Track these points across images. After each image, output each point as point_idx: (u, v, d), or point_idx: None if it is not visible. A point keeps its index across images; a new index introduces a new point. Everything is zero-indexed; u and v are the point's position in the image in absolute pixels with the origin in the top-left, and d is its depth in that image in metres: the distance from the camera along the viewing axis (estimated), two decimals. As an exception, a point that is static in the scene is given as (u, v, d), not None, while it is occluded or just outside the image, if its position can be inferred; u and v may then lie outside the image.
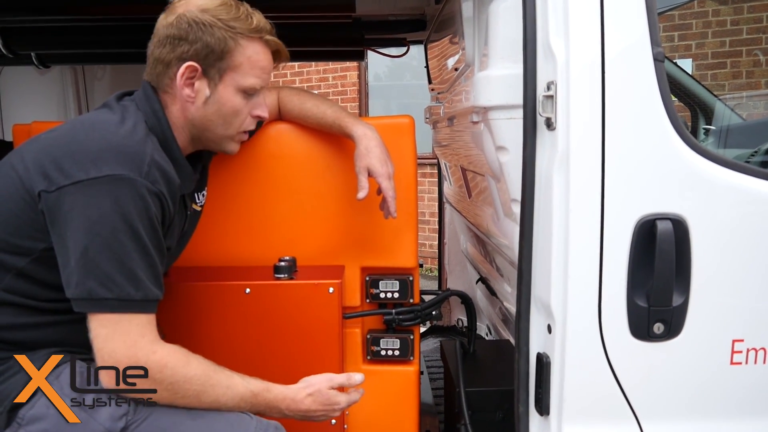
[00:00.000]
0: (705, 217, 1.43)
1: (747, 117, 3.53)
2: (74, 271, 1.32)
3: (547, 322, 1.50)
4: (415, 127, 1.99)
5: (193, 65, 1.49)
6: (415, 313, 2.03)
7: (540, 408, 1.53)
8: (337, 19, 2.98)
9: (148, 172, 1.37)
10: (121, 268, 1.33)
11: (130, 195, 1.33)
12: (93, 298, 1.32)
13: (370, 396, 2.02)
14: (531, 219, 1.49)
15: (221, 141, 1.60)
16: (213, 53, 1.48)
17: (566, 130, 1.40)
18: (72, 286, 1.33)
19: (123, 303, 1.33)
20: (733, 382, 1.49)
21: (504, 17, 1.60)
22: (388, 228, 1.96)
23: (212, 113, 1.54)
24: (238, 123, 1.58)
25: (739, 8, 5.20)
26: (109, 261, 1.32)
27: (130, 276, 1.33)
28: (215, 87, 1.52)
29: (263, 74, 1.56)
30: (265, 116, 1.63)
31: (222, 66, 1.50)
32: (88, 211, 1.32)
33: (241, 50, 1.50)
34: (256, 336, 1.83)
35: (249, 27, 1.50)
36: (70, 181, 1.32)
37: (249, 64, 1.52)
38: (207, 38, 1.47)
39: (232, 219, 1.98)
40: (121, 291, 1.32)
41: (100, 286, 1.31)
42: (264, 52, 1.55)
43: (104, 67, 4.07)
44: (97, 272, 1.31)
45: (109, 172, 1.33)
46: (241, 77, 1.52)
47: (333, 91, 8.89)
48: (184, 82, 1.50)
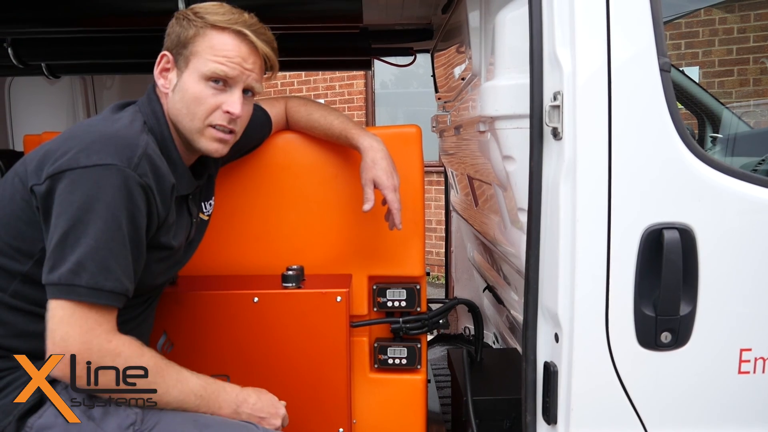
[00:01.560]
0: (712, 226, 1.43)
1: (754, 125, 3.52)
2: (51, 256, 1.33)
3: (555, 331, 1.50)
4: (422, 136, 2.00)
5: (166, 54, 1.54)
6: (422, 322, 2.03)
7: (547, 417, 1.53)
8: (344, 29, 3.00)
9: (137, 164, 1.38)
10: (95, 257, 1.32)
11: (116, 184, 1.34)
12: (62, 283, 1.31)
13: (377, 404, 2.03)
14: (538, 228, 1.49)
15: (192, 135, 1.54)
16: (180, 42, 1.52)
17: (573, 139, 1.41)
18: (46, 272, 1.33)
19: (91, 291, 1.32)
20: (740, 391, 1.49)
21: (511, 27, 1.61)
22: (395, 237, 1.96)
23: (178, 101, 1.53)
24: (202, 113, 1.52)
25: (746, 16, 5.19)
26: (85, 248, 1.31)
27: (103, 266, 1.33)
28: (181, 75, 1.53)
29: (229, 62, 1.50)
30: (234, 112, 1.53)
31: (186, 53, 1.51)
32: (72, 197, 1.32)
33: (206, 38, 1.50)
34: (264, 344, 1.83)
35: (218, 19, 1.50)
36: (60, 169, 1.34)
37: (211, 51, 1.50)
38: (178, 29, 1.52)
39: (240, 228, 1.99)
40: (91, 278, 1.31)
41: (70, 273, 1.31)
42: (232, 43, 1.51)
43: (113, 77, 4.10)
44: (71, 258, 1.31)
45: (98, 162, 1.34)
46: (201, 63, 1.50)
47: (340, 99, 8.91)
48: (159, 72, 1.55)
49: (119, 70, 3.72)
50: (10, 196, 1.42)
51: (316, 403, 1.86)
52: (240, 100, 1.54)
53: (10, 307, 1.43)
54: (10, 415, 1.38)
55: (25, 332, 1.43)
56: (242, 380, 1.87)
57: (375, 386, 2.04)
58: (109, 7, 2.43)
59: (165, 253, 1.54)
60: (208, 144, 1.55)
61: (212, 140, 1.55)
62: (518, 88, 1.56)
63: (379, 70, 8.67)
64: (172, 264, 1.64)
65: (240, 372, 1.87)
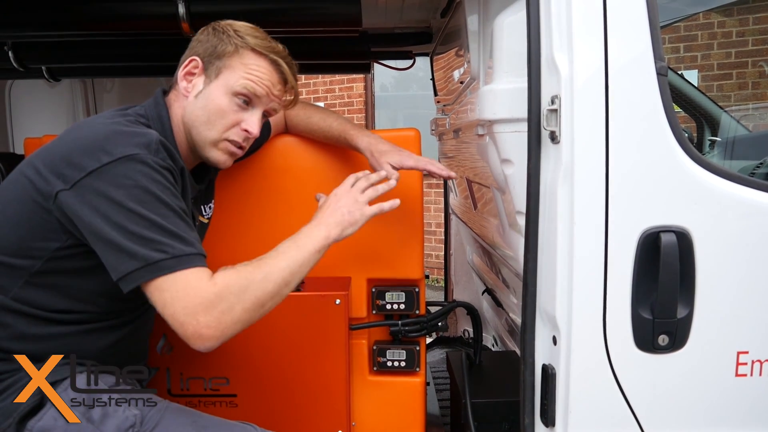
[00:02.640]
0: (709, 229, 1.44)
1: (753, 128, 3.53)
2: (122, 249, 1.32)
3: (553, 334, 1.51)
4: (421, 139, 2.00)
5: (196, 60, 1.56)
6: (421, 325, 2.03)
7: (545, 419, 1.54)
8: (343, 33, 3.01)
9: (156, 150, 1.40)
10: (164, 232, 1.33)
11: (145, 170, 1.35)
12: (149, 262, 1.31)
13: (376, 407, 2.03)
14: (536, 231, 1.50)
15: (204, 144, 1.57)
16: (215, 52, 1.54)
17: (570, 143, 1.41)
18: (122, 263, 1.33)
19: (180, 259, 1.33)
20: (738, 393, 1.49)
21: (508, 31, 1.62)
22: (394, 240, 1.97)
23: (199, 108, 1.55)
24: (222, 126, 1.55)
25: (744, 20, 5.20)
26: (151, 229, 1.32)
27: (176, 236, 1.34)
28: (209, 83, 1.55)
29: (261, 83, 1.55)
30: (252, 132, 1.58)
31: (219, 64, 1.54)
32: (111, 193, 1.33)
33: (243, 57, 1.55)
34: (263, 347, 1.84)
35: (258, 43, 1.55)
36: (84, 173, 1.34)
37: (245, 68, 1.54)
38: (216, 41, 1.55)
39: (239, 231, 2.00)
40: (174, 249, 1.33)
41: (153, 251, 1.31)
42: (266, 68, 1.56)
43: (113, 80, 4.11)
44: (144, 241, 1.32)
45: (121, 154, 1.34)
46: (234, 78, 1.54)
47: (339, 102, 8.92)
48: (184, 75, 1.57)
49: (119, 73, 3.73)
50: (20, 198, 1.42)
51: (315, 405, 1.87)
52: (259, 122, 1.59)
53: (11, 310, 1.43)
54: (10, 417, 1.38)
55: (25, 335, 1.44)
56: (241, 383, 1.88)
57: (374, 389, 2.04)
58: (109, 11, 2.44)
59: None
60: (218, 155, 1.59)
61: (223, 153, 1.59)
62: (516, 91, 1.56)
63: (379, 73, 8.68)
64: None
65: (240, 374, 1.88)
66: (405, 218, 1.83)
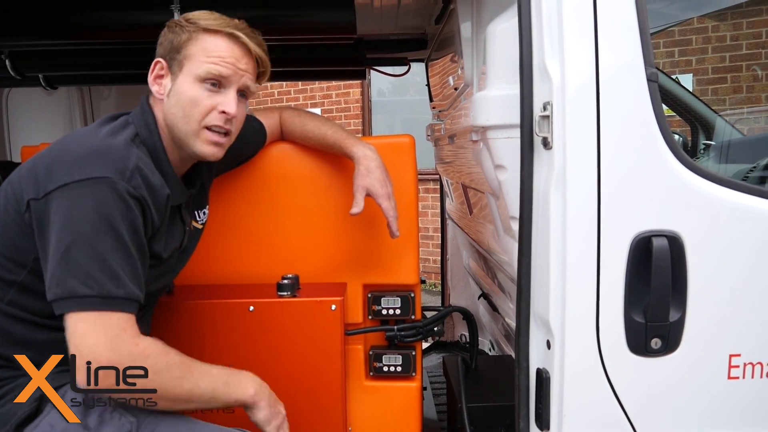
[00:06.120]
0: (700, 233, 1.45)
1: (747, 132, 3.55)
2: (56, 270, 1.33)
3: (546, 338, 1.52)
4: (416, 145, 2.01)
5: (160, 61, 1.56)
6: (416, 330, 2.04)
7: (540, 423, 1.54)
8: (339, 40, 3.02)
9: (130, 177, 1.39)
10: (103, 267, 1.33)
11: (112, 197, 1.35)
12: (74, 296, 1.31)
13: (372, 412, 2.04)
14: (529, 236, 1.51)
15: (187, 138, 1.55)
16: (173, 47, 1.54)
17: (562, 149, 1.43)
18: (53, 287, 1.33)
19: (105, 300, 1.32)
20: (730, 396, 1.50)
21: (501, 38, 1.64)
22: (389, 245, 1.98)
23: (173, 105, 1.54)
24: (198, 114, 1.53)
25: (738, 24, 5.23)
26: (91, 260, 1.32)
27: (112, 274, 1.34)
28: (176, 79, 1.54)
29: (222, 62, 1.52)
30: (230, 111, 1.54)
31: (179, 57, 1.53)
32: (70, 211, 1.33)
33: (199, 42, 1.53)
34: (259, 353, 1.84)
35: (210, 23, 1.53)
36: (56, 185, 1.35)
37: (205, 53, 1.52)
38: (171, 36, 1.55)
39: (235, 237, 2.01)
40: (102, 288, 1.32)
41: (81, 284, 1.31)
42: (225, 44, 1.53)
43: (110, 87, 4.12)
44: (78, 271, 1.31)
45: (93, 175, 1.35)
46: (195, 65, 1.52)
47: (336, 108, 8.94)
48: (153, 80, 1.57)
49: (116, 81, 3.75)
50: (3, 207, 1.44)
51: (312, 410, 1.87)
52: (235, 100, 1.56)
53: (7, 316, 1.44)
54: (8, 423, 1.39)
55: (23, 341, 1.45)
56: (238, 389, 1.88)
57: (370, 394, 2.05)
58: (105, 19, 2.45)
59: (154, 261, 1.55)
60: (203, 147, 1.56)
61: (208, 143, 1.56)
62: (509, 98, 1.58)
63: (376, 78, 8.67)
64: (165, 271, 1.64)
65: (236, 380, 1.88)
66: (400, 224, 1.83)
